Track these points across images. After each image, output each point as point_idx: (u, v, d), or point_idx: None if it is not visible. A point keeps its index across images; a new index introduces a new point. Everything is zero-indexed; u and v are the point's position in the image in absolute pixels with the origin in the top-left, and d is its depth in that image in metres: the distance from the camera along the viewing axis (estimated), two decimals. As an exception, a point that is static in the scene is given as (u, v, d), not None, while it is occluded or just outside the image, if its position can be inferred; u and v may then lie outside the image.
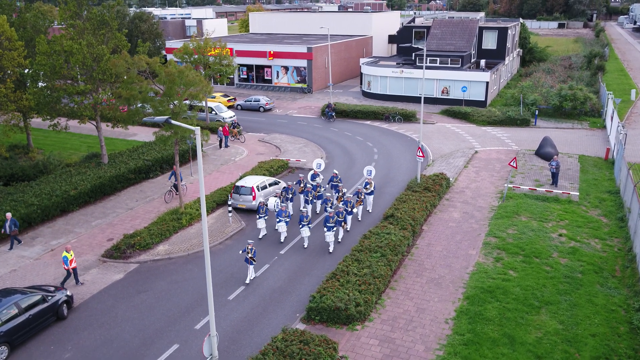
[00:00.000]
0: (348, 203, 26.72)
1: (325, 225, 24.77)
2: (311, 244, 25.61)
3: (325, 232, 24.78)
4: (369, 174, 29.40)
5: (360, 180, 33.76)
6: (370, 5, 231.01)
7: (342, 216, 25.42)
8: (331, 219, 24.56)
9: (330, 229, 24.61)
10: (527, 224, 26.78)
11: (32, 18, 37.42)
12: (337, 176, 29.61)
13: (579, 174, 34.07)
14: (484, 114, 48.49)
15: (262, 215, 26.01)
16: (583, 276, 22.07)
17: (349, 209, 26.77)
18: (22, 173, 32.55)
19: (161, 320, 19.88)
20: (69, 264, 21.92)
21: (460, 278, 22.23)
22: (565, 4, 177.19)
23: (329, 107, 50.35)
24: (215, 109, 48.40)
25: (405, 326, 19.16)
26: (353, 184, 33.38)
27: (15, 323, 18.31)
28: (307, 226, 24.94)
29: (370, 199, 29.24)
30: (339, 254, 24.57)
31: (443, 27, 61.52)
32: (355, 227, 27.42)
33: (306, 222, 24.89)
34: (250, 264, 22.15)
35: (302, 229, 24.89)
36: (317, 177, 30.32)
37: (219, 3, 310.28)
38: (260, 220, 26.02)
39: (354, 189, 31.91)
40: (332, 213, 24.60)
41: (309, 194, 28.28)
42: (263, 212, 25.96)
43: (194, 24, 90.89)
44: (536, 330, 18.64)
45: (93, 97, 32.68)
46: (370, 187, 28.86)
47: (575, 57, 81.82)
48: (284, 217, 25.66)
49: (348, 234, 26.71)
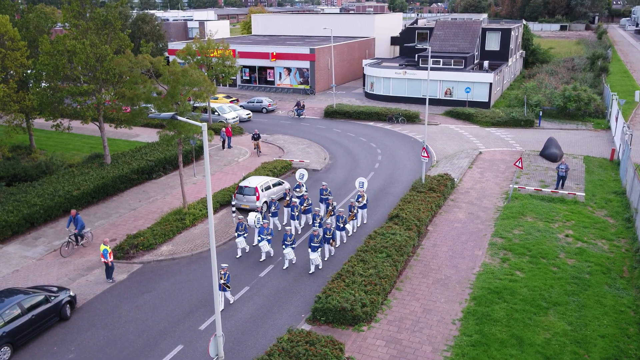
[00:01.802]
0: (340, 218, 24.83)
1: (309, 245, 22.63)
2: (295, 265, 23.39)
3: (310, 254, 22.64)
4: (361, 186, 27.56)
5: (352, 192, 31.63)
6: (372, 8, 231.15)
7: (329, 233, 23.44)
8: (316, 238, 22.38)
9: (315, 249, 22.48)
10: (533, 225, 26.56)
11: (35, 18, 37.33)
12: (326, 189, 27.81)
13: (584, 174, 33.85)
14: (488, 115, 48.30)
15: (241, 233, 23.92)
16: (591, 277, 21.84)
17: (340, 224, 24.91)
18: (24, 173, 32.41)
19: (165, 320, 19.69)
20: (109, 257, 22.17)
21: (466, 279, 22.02)
22: (567, 6, 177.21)
23: (298, 105, 51.68)
24: (219, 110, 48.30)
25: (412, 327, 18.95)
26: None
27: (18, 323, 18.14)
28: (291, 247, 22.84)
29: (363, 213, 27.49)
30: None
31: (446, 29, 61.40)
32: (361, 228, 27.20)
33: (290, 241, 22.81)
34: (223, 290, 19.88)
35: (285, 249, 22.83)
36: (299, 187, 28.34)
37: (220, 5, 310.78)
38: (240, 238, 23.94)
39: (346, 202, 30.09)
40: (317, 232, 22.46)
41: (295, 208, 26.26)
42: (242, 229, 23.95)
43: (196, 26, 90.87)
44: (545, 331, 18.42)
45: (96, 98, 32.55)
46: (363, 200, 26.95)
47: (578, 58, 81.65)
48: (265, 235, 23.49)
49: (353, 235, 26.47)
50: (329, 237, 23.49)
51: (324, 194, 27.77)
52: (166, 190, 32.38)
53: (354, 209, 26.19)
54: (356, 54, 72.98)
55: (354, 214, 26.16)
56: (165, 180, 34.17)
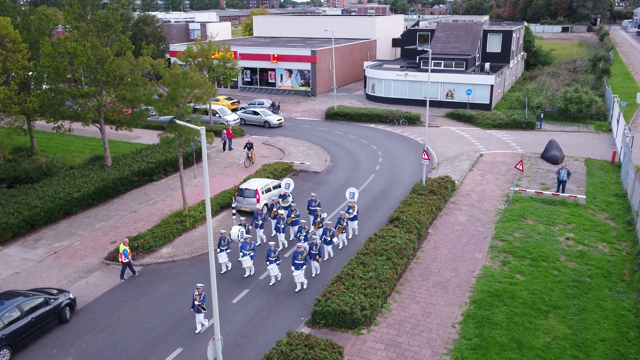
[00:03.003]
0: (327, 231, 23.54)
1: (293, 262, 21.38)
2: (280, 282, 22.36)
3: (293, 272, 21.42)
4: (352, 197, 26.55)
5: (343, 203, 30.11)
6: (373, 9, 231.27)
7: (316, 249, 22.16)
8: (300, 255, 21.20)
9: (299, 266, 21.25)
10: (533, 228, 26.51)
11: (36, 21, 37.40)
12: (315, 200, 26.55)
13: (585, 177, 33.79)
14: (489, 117, 48.25)
15: (223, 248, 22.85)
16: (591, 280, 21.78)
17: (327, 238, 23.59)
18: (25, 175, 32.43)
19: (165, 323, 19.68)
20: (128, 256, 22.45)
21: (466, 282, 21.97)
22: (568, 8, 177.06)
23: (273, 105, 53.00)
24: (219, 112, 48.31)
25: (411, 330, 18.91)
26: (358, 185, 33.13)
27: (18, 326, 18.15)
28: (275, 263, 21.77)
29: (354, 224, 26.23)
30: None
31: (447, 31, 61.39)
32: (361, 230, 27.15)
33: (274, 257, 21.73)
34: (198, 312, 18.78)
35: (269, 266, 21.74)
36: (285, 198, 27.53)
37: (222, 7, 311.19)
38: (222, 254, 22.76)
39: (342, 210, 28.65)
40: (301, 248, 21.32)
41: (281, 220, 24.98)
42: (225, 244, 22.89)
43: (197, 28, 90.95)
44: (545, 335, 18.36)
45: (97, 100, 32.58)
46: (354, 212, 25.76)
47: (579, 60, 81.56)
48: (248, 251, 22.29)
49: (354, 237, 26.42)
50: (315, 252, 22.17)
51: (312, 205, 26.48)
52: (166, 193, 32.39)
53: (343, 221, 24.94)
54: (357, 55, 73.00)
55: (343, 226, 24.90)
56: (166, 182, 34.18)
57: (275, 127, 47.88)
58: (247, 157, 37.24)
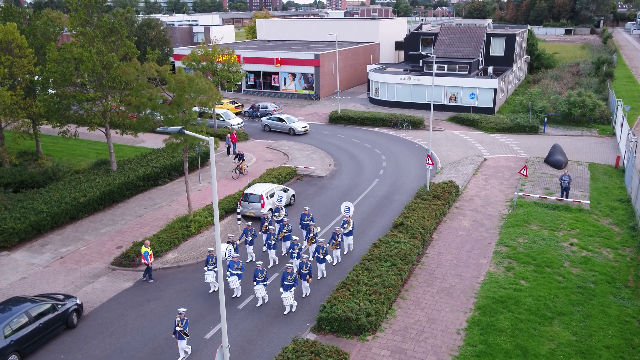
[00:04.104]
0: (320, 249, 22.56)
1: (282, 283, 20.33)
2: (267, 304, 21.31)
3: (281, 293, 20.30)
4: (347, 211, 25.44)
5: (337, 217, 29.15)
6: (376, 12, 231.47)
7: (306, 268, 21.13)
8: (289, 276, 20.16)
9: (288, 288, 20.18)
10: (538, 233, 26.57)
11: (42, 26, 37.63)
12: (308, 214, 25.50)
13: (589, 182, 33.83)
14: (492, 121, 48.32)
15: (210, 267, 21.79)
16: (596, 286, 21.84)
17: (320, 255, 22.63)
18: (31, 180, 32.62)
19: (171, 329, 19.77)
20: (149, 258, 22.66)
21: (471, 288, 22.05)
22: (572, 10, 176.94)
23: (252, 107, 53.68)
24: (223, 116, 48.48)
25: (416, 337, 18.99)
26: (362, 190, 33.25)
27: (26, 332, 18.30)
28: (263, 283, 20.73)
29: (349, 240, 25.26)
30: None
31: (451, 34, 61.48)
32: (365, 236, 27.27)
33: (261, 277, 20.67)
34: (180, 338, 17.82)
35: (256, 286, 20.71)
36: (278, 211, 26.49)
37: (225, 9, 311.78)
38: (209, 273, 21.77)
39: (330, 228, 27.78)
40: (290, 269, 20.24)
41: (272, 236, 23.86)
42: (212, 262, 21.78)
43: (201, 31, 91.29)
44: (549, 342, 18.43)
45: (102, 104, 32.78)
46: (349, 227, 24.86)
47: (583, 63, 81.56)
48: (235, 270, 21.28)
49: (357, 242, 26.51)
50: (305, 272, 21.13)
51: (305, 219, 25.40)
52: (171, 197, 32.54)
53: (337, 236, 23.74)
54: (361, 59, 73.14)
55: (337, 242, 23.72)
56: (171, 187, 34.34)
57: (300, 134, 46.61)
58: (236, 168, 35.98)
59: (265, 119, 49.08)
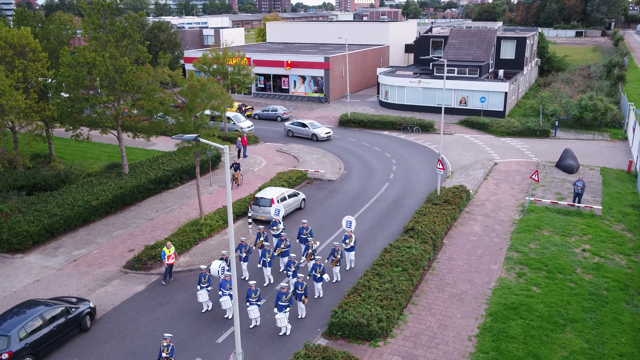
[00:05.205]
0: (317, 267, 21.44)
1: (276, 303, 19.45)
2: (261, 326, 20.29)
3: (275, 314, 19.46)
4: (349, 226, 24.18)
5: (338, 230, 28.04)
6: (385, 14, 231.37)
7: (301, 288, 20.22)
8: (284, 296, 19.26)
9: (282, 308, 19.29)
10: (549, 239, 26.45)
11: (55, 29, 38.00)
12: (307, 228, 24.51)
13: (601, 187, 33.62)
14: (503, 124, 48.16)
15: (203, 285, 20.85)
16: (608, 293, 21.71)
17: (317, 274, 21.59)
18: (44, 183, 32.93)
19: (183, 333, 19.91)
20: (167, 259, 22.91)
21: (482, 294, 22.00)
22: (582, 12, 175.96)
23: (239, 109, 54.60)
24: (234, 119, 48.68)
25: (428, 343, 18.98)
26: (372, 194, 33.23)
27: (40, 335, 18.48)
28: (256, 304, 19.71)
29: (351, 255, 24.29)
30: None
31: (461, 37, 61.35)
32: (376, 241, 27.26)
33: (255, 298, 19.63)
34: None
35: (249, 307, 19.74)
36: (275, 225, 25.32)
37: (235, 11, 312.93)
38: (202, 291, 20.82)
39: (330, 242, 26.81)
40: (285, 288, 19.32)
41: (267, 253, 22.75)
42: (205, 280, 20.85)
43: (211, 34, 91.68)
44: (562, 349, 18.35)
45: (115, 108, 33.04)
46: (350, 242, 23.79)
47: (594, 66, 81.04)
48: (228, 290, 20.44)
49: (368, 247, 26.53)
50: (301, 292, 20.27)
51: (304, 233, 24.42)
52: (183, 200, 32.72)
53: (337, 252, 22.68)
54: (370, 62, 73.16)
55: (337, 259, 22.74)
56: (182, 190, 34.52)
57: (322, 140, 46.07)
58: (232, 179, 34.96)
59: (289, 124, 48.37)
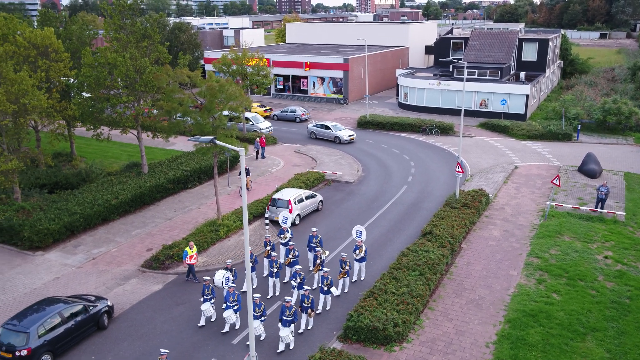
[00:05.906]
0: (325, 279, 20.72)
1: (280, 318, 18.70)
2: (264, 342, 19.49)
3: (280, 329, 18.74)
4: (359, 236, 23.16)
5: (348, 240, 27.27)
6: (405, 15, 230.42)
7: (308, 301, 19.52)
8: (288, 311, 18.44)
9: (287, 323, 18.54)
10: (570, 245, 25.98)
11: (77, 30, 38.52)
12: (316, 236, 23.75)
13: (624, 192, 32.95)
14: (524, 127, 47.53)
15: (207, 297, 20.35)
16: (631, 302, 21.23)
17: (324, 286, 20.84)
18: (65, 181, 33.39)
19: (199, 333, 19.98)
20: (189, 259, 23.12)
21: (501, 300, 21.68)
22: (607, 14, 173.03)
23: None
24: (252, 120, 48.83)
25: (444, 349, 18.75)
26: (390, 197, 33.01)
27: (58, 332, 18.70)
28: (260, 319, 18.96)
29: (361, 266, 23.48)
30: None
31: (482, 39, 60.74)
32: (393, 244, 27.05)
33: (259, 312, 18.86)
34: None
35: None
36: (283, 233, 24.49)
37: (255, 12, 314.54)
38: (206, 303, 20.25)
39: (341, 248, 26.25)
40: (289, 303, 18.54)
41: (274, 263, 22.04)
42: (209, 292, 20.36)
43: (231, 34, 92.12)
44: (582, 359, 17.98)
45: (135, 108, 33.36)
46: (361, 253, 22.88)
47: (618, 69, 79.57)
48: (232, 302, 19.85)
49: (385, 250, 26.34)
50: (307, 305, 19.57)
51: (313, 241, 23.77)
52: (201, 200, 32.88)
53: (345, 264, 22.00)
54: (390, 63, 72.83)
55: (345, 270, 22.03)
56: (200, 190, 34.71)
57: (345, 143, 45.46)
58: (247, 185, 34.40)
59: (312, 126, 48.08)
